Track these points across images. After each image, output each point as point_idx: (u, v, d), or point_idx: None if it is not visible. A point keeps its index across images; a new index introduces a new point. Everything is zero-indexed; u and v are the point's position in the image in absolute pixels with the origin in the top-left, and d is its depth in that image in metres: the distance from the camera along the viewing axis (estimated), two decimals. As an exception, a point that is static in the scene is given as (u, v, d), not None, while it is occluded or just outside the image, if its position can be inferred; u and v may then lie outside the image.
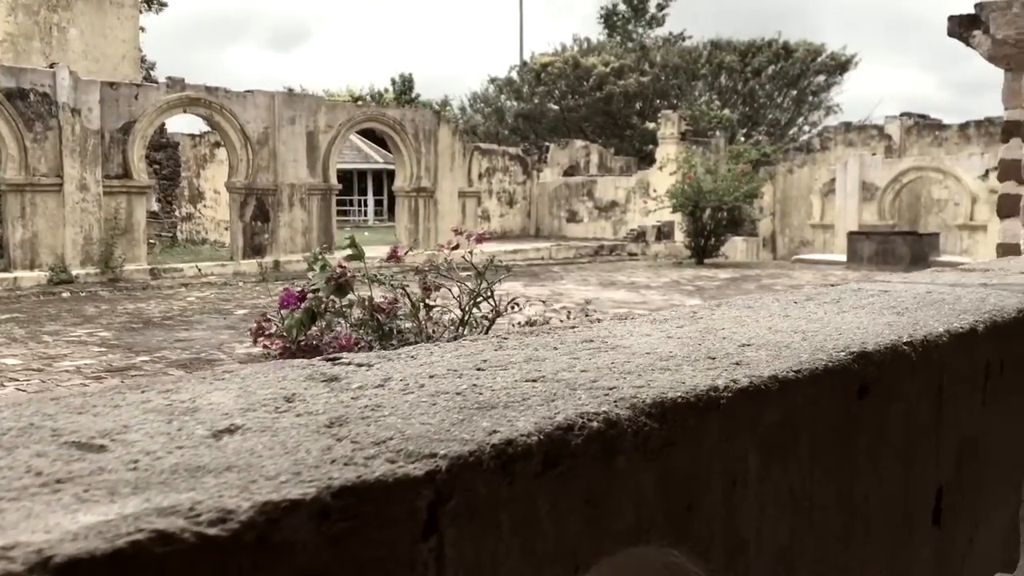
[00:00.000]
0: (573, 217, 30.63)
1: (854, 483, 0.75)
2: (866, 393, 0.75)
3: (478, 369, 0.66)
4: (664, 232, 25.12)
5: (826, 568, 0.72)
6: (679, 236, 23.12)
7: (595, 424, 0.53)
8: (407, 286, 4.82)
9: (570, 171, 32.19)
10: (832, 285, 1.21)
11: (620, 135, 37.74)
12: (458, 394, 0.58)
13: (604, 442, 0.53)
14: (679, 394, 0.59)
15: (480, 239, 4.67)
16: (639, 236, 25.35)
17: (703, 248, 21.38)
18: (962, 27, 2.42)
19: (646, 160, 32.48)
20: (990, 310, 0.99)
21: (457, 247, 4.57)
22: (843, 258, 19.86)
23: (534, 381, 0.61)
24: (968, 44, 2.44)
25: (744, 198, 20.96)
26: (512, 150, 31.71)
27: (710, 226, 21.30)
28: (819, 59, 36.14)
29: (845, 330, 0.84)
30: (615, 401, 0.57)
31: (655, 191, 24.19)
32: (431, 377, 0.62)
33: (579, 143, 33.58)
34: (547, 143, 35.02)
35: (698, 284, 16.51)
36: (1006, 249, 2.39)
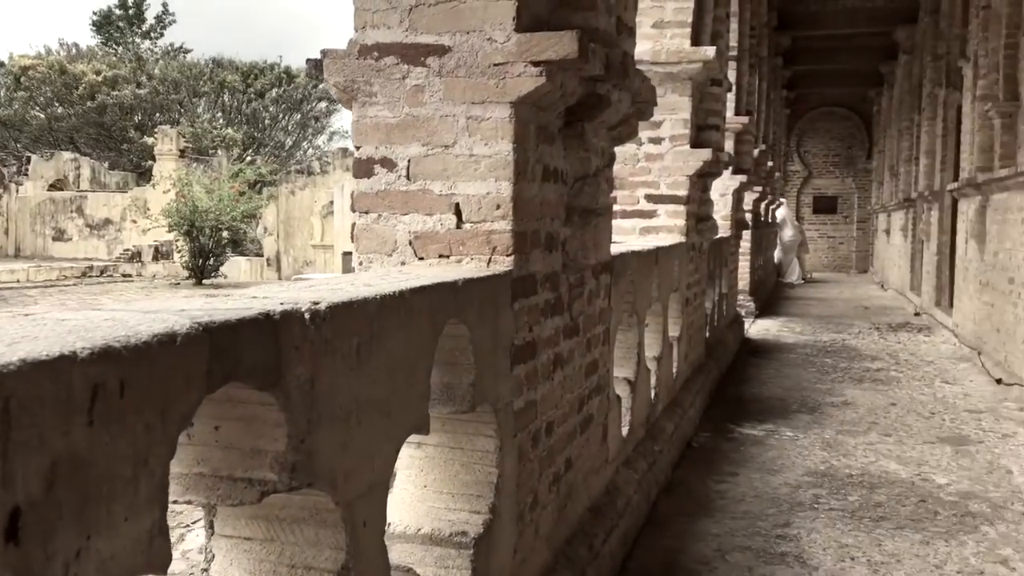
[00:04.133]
0: (61, 236, 27.97)
1: None
2: None
3: None
4: (163, 252, 24.02)
5: None
6: (179, 256, 22.25)
7: None
8: None
9: (57, 185, 29.32)
10: (27, 315, 1.23)
11: (117, 149, 35.33)
12: None
13: None
14: None
15: None
16: (134, 256, 23.92)
17: (202, 268, 20.82)
18: (316, 70, 2.65)
19: (145, 176, 30.80)
20: (118, 336, 1.08)
21: None
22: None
23: None
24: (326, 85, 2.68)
25: (243, 218, 20.86)
26: (-17, 160, 27.97)
27: (210, 246, 20.82)
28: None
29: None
30: None
31: (150, 209, 23.02)
32: None
33: (68, 155, 30.78)
34: (30, 154, 31.54)
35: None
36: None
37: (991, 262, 8.45)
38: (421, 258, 2.55)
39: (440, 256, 2.54)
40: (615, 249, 4.11)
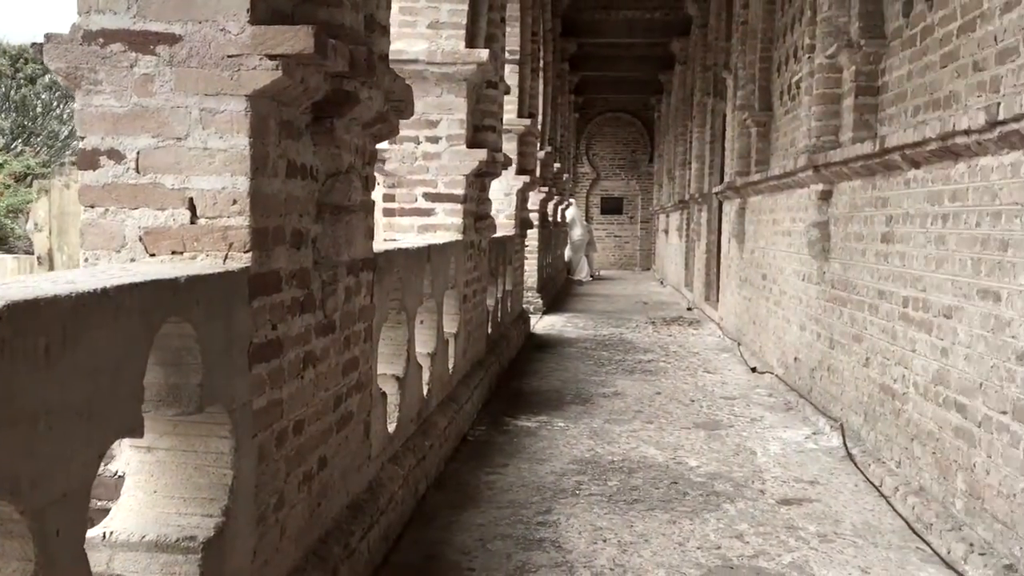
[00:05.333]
0: None
1: None
2: None
3: None
4: (-87, 250, 21.74)
5: None
6: (-70, 255, 20.19)
7: None
8: None
9: None
10: None
11: None
12: None
13: None
14: None
15: None
16: None
17: (-41, 268, 19.00)
18: (41, 54, 2.48)
19: None
20: None
21: None
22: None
23: None
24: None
25: (7, 213, 19.23)
26: None
27: (-31, 244, 19.03)
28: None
29: None
30: None
31: None
32: None
33: None
34: None
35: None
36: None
37: (749, 260, 9.14)
38: (153, 255, 2.45)
39: (173, 252, 2.45)
40: (381, 246, 4.12)
